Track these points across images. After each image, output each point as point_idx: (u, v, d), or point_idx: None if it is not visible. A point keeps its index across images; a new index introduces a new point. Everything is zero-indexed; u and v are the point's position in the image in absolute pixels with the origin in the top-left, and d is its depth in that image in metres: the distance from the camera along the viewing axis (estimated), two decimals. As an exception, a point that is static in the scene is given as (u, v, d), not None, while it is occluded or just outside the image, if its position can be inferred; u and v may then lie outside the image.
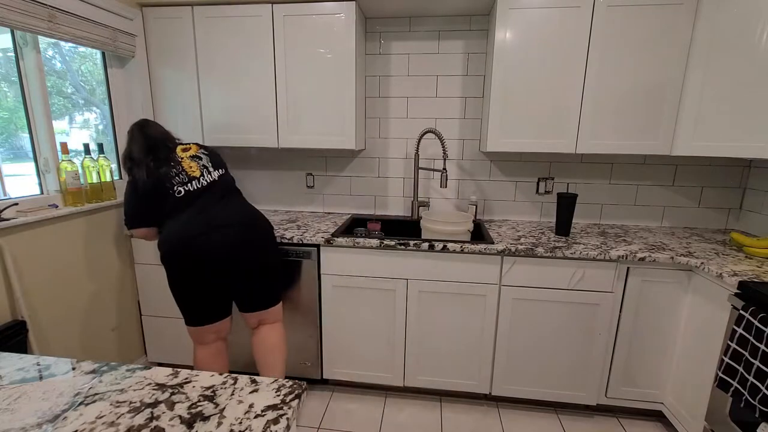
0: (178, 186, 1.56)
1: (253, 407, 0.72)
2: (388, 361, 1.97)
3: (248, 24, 1.99)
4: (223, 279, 1.55)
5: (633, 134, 1.87)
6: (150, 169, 1.56)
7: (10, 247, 1.50)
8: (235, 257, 1.53)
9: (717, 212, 2.20)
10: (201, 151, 1.69)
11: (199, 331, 1.62)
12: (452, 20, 2.17)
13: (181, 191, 1.56)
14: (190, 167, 1.61)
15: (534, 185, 2.31)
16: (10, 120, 1.69)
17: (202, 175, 1.61)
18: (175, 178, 1.57)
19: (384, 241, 1.82)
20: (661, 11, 1.75)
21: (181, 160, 1.62)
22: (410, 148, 2.35)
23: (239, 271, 1.56)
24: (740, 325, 1.31)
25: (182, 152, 1.65)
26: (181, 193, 1.56)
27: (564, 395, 1.87)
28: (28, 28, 1.52)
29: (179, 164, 1.60)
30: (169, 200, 1.56)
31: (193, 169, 1.61)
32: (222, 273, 1.53)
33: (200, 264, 1.49)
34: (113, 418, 0.69)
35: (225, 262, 1.51)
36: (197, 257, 1.48)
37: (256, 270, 1.60)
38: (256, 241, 1.59)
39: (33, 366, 0.84)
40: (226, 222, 1.54)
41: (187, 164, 1.61)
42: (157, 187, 1.55)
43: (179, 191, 1.56)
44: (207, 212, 1.54)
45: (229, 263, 1.53)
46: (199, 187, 1.58)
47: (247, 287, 1.62)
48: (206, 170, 1.63)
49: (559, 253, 1.72)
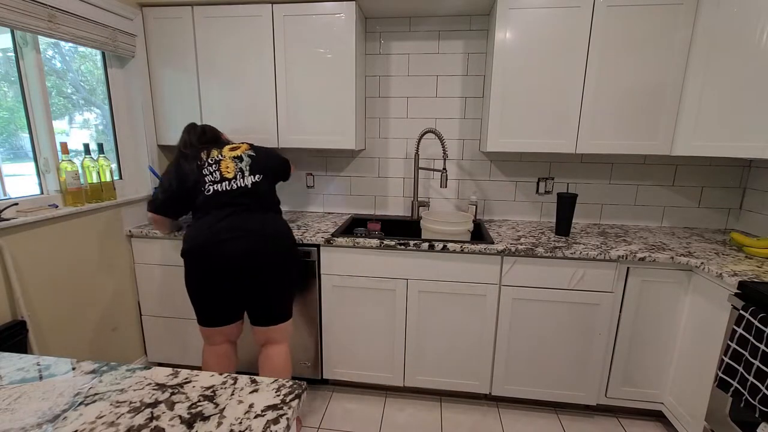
0: (209, 185, 1.57)
1: (253, 407, 0.72)
2: (388, 361, 1.97)
3: (248, 24, 1.99)
4: (236, 286, 1.53)
5: (633, 134, 1.87)
6: (192, 163, 1.60)
7: (10, 247, 1.50)
8: (249, 268, 1.50)
9: (717, 212, 2.20)
10: (248, 152, 1.67)
11: (208, 331, 1.62)
12: (452, 20, 2.17)
13: (210, 190, 1.57)
14: (226, 167, 1.60)
15: (534, 185, 2.31)
16: (10, 120, 1.69)
17: (235, 177, 1.59)
18: (209, 176, 1.58)
19: (384, 241, 1.82)
20: (661, 11, 1.75)
21: (222, 159, 1.62)
22: (410, 148, 2.35)
23: (252, 282, 1.53)
24: (740, 325, 1.31)
25: (228, 151, 1.65)
26: (209, 192, 1.56)
27: (564, 395, 1.87)
28: (28, 28, 1.52)
29: (218, 163, 1.61)
30: (199, 197, 1.57)
31: (229, 169, 1.60)
32: (236, 281, 1.52)
33: (216, 269, 1.49)
34: (113, 418, 0.69)
35: (239, 271, 1.49)
36: (215, 262, 1.48)
37: (267, 283, 1.56)
38: (270, 255, 1.54)
39: (33, 366, 0.84)
40: (245, 232, 1.51)
41: (225, 164, 1.61)
42: (191, 181, 1.58)
43: (209, 189, 1.57)
44: (230, 219, 1.52)
45: (243, 273, 1.50)
46: (228, 189, 1.57)
47: (258, 300, 1.58)
48: (241, 173, 1.61)
49: (559, 253, 1.72)
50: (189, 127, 1.76)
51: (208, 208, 1.56)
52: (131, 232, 2.03)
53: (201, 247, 1.49)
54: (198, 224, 1.55)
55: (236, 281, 1.52)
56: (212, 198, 1.56)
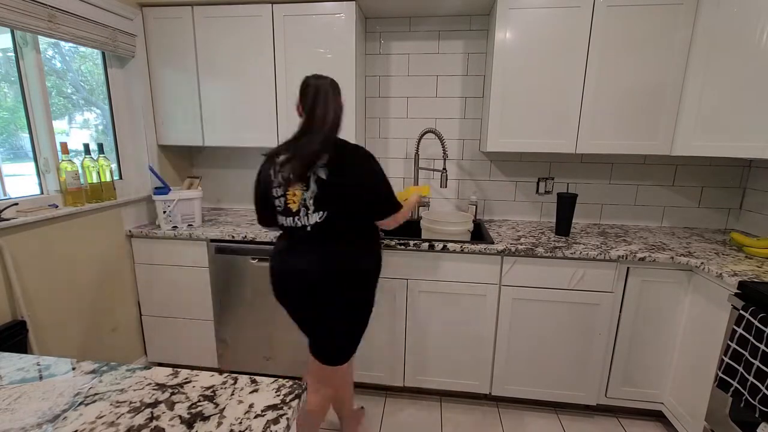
0: (278, 210, 1.37)
1: (253, 407, 0.72)
2: (388, 361, 1.97)
3: (248, 24, 1.99)
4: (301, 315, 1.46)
5: (633, 134, 1.87)
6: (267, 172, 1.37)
7: (10, 247, 1.50)
8: (308, 302, 1.37)
9: (717, 212, 2.20)
10: (322, 172, 1.26)
11: None
12: (452, 20, 2.17)
13: (279, 219, 1.38)
14: (293, 197, 1.31)
15: (534, 185, 2.31)
16: (10, 120, 1.69)
17: (298, 213, 1.31)
18: (277, 200, 1.35)
19: (384, 241, 1.82)
20: (661, 11, 1.75)
21: (288, 182, 1.31)
22: (410, 148, 2.35)
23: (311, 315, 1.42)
24: (740, 325, 1.31)
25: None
26: (279, 221, 1.39)
27: (564, 395, 1.87)
28: (28, 28, 1.52)
29: (284, 187, 1.32)
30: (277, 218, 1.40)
31: (295, 199, 1.31)
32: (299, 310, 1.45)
33: (283, 296, 1.44)
34: (113, 418, 0.69)
35: (300, 302, 1.40)
36: (282, 290, 1.43)
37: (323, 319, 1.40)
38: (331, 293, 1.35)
39: (33, 366, 0.84)
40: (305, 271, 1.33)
41: (291, 193, 1.31)
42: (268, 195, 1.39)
43: (278, 218, 1.39)
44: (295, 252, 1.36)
45: (304, 306, 1.41)
46: (292, 226, 1.34)
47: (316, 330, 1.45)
48: (305, 209, 1.30)
49: (559, 253, 1.72)
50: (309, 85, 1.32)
51: (283, 232, 1.42)
52: (131, 232, 2.03)
53: (275, 273, 1.41)
54: (277, 245, 1.44)
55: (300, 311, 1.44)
56: (282, 227, 1.40)
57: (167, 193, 2.00)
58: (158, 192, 2.00)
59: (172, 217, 2.02)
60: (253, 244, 1.93)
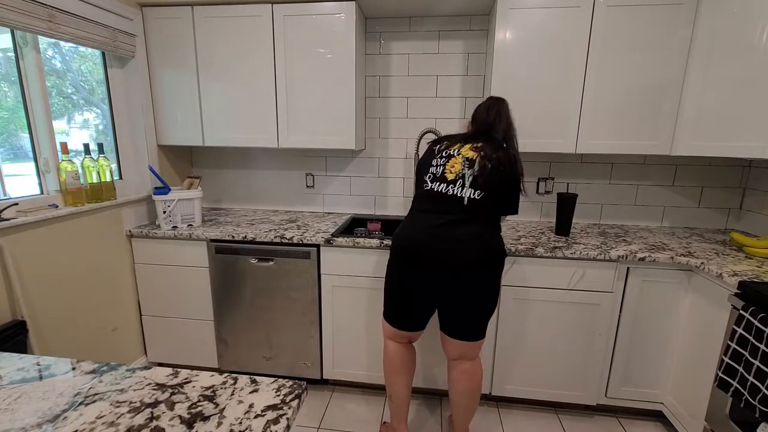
0: (430, 177, 1.45)
1: (253, 407, 0.72)
2: (388, 361, 1.97)
3: (248, 24, 1.99)
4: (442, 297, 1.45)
5: (633, 134, 1.87)
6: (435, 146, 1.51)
7: (10, 247, 1.50)
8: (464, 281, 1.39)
9: (717, 212, 2.20)
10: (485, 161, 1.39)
11: (393, 331, 1.58)
12: (452, 20, 2.17)
13: (429, 185, 1.45)
14: (452, 166, 1.42)
15: (534, 185, 2.31)
16: (10, 120, 1.69)
17: (454, 182, 1.40)
18: (434, 168, 1.46)
19: (384, 241, 1.82)
20: (661, 11, 1.75)
21: (453, 156, 1.44)
22: (410, 148, 2.35)
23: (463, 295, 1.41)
24: (740, 325, 1.31)
25: (468, 150, 1.43)
26: (428, 186, 1.45)
27: (564, 395, 1.87)
28: (28, 28, 1.52)
29: (449, 158, 1.44)
30: (421, 187, 1.47)
31: (454, 170, 1.41)
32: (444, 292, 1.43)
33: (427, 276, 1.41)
34: (113, 418, 0.69)
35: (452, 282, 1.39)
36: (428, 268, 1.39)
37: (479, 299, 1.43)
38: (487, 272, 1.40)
39: (33, 366, 0.84)
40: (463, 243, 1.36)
41: (453, 162, 1.43)
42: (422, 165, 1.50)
43: (428, 184, 1.45)
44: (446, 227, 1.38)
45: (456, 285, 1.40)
46: (443, 192, 1.41)
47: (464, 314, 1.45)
48: (461, 181, 1.40)
49: (559, 253, 1.72)
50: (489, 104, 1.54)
51: (426, 205, 1.44)
52: (131, 232, 2.03)
53: (417, 250, 1.39)
54: (415, 220, 1.45)
55: (445, 292, 1.42)
56: (429, 195, 1.44)
57: (167, 193, 2.00)
58: (158, 192, 2.00)
59: (172, 217, 2.02)
60: (253, 244, 1.93)
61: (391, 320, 1.57)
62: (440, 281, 1.41)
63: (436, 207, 1.43)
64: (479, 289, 1.41)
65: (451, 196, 1.40)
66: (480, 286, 1.41)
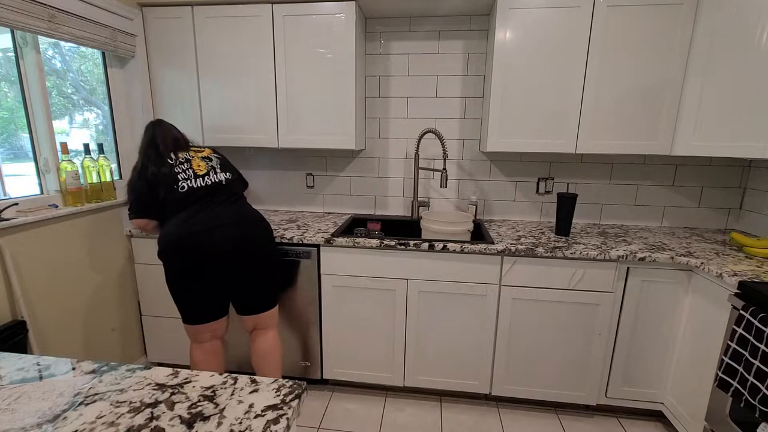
0: (183, 182, 1.60)
1: (253, 407, 0.72)
2: (388, 361, 1.97)
3: (248, 24, 1.99)
4: (221, 278, 1.56)
5: (633, 134, 1.87)
6: (164, 162, 1.61)
7: (10, 247, 1.50)
8: (236, 256, 1.54)
9: (717, 212, 2.20)
10: (214, 154, 1.75)
11: (195, 329, 1.63)
12: (452, 20, 2.17)
13: (185, 186, 1.59)
14: (198, 166, 1.66)
15: (534, 185, 2.31)
16: (10, 120, 1.69)
17: (208, 174, 1.65)
18: (182, 174, 1.61)
19: (384, 241, 1.82)
20: (661, 11, 1.75)
21: (191, 159, 1.67)
22: (410, 148, 2.35)
23: (239, 271, 1.57)
24: (740, 325, 1.31)
25: (194, 153, 1.71)
26: (184, 189, 1.59)
27: (564, 395, 1.87)
28: (28, 28, 1.52)
29: (189, 161, 1.65)
30: (173, 195, 1.58)
31: (201, 167, 1.66)
32: (221, 271, 1.54)
33: (200, 262, 1.50)
34: (113, 418, 0.69)
35: (225, 260, 1.53)
36: (198, 254, 1.49)
37: (255, 270, 1.62)
38: (257, 241, 1.61)
39: (33, 366, 0.84)
40: (228, 221, 1.56)
41: (195, 163, 1.67)
42: (164, 180, 1.59)
43: (183, 186, 1.59)
44: (208, 211, 1.57)
45: (230, 261, 1.54)
46: (202, 185, 1.62)
47: (246, 288, 1.63)
48: (213, 171, 1.68)
49: (559, 253, 1.72)
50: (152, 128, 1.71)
51: (183, 206, 1.57)
52: (131, 232, 2.03)
53: (178, 241, 1.50)
54: (173, 221, 1.55)
55: (222, 272, 1.54)
56: (187, 195, 1.59)
57: (167, 193, 2.00)
58: (158, 192, 2.00)
59: (172, 217, 2.02)
60: (253, 244, 1.93)
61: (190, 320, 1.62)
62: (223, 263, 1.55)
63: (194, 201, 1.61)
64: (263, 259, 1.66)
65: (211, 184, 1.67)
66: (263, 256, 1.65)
